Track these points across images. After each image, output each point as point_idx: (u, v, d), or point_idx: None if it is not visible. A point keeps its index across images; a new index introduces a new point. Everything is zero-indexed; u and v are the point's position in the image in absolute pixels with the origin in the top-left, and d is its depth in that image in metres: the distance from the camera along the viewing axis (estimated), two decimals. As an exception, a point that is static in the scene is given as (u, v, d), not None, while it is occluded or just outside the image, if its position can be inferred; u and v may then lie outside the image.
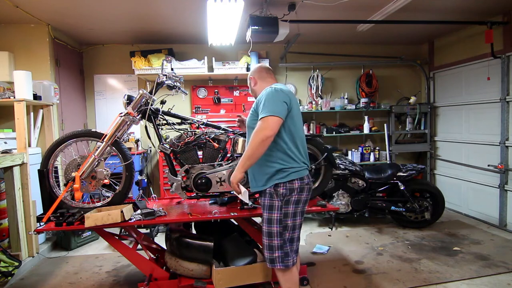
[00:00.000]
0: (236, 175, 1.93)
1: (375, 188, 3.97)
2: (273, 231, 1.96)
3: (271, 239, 1.96)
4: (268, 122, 1.84)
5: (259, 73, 2.22)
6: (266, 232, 1.98)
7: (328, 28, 4.25)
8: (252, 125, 2.00)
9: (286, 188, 1.94)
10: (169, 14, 3.57)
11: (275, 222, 1.95)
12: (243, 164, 1.89)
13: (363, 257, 3.24)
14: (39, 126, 3.69)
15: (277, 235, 1.95)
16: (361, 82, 5.06)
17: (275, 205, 1.95)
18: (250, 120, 2.07)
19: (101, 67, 4.72)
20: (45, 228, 2.27)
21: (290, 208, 1.97)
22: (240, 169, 1.91)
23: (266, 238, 1.98)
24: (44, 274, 3.03)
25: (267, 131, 1.83)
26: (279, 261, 1.96)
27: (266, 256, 2.00)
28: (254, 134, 1.86)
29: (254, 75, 2.22)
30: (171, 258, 2.48)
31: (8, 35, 3.66)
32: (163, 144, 2.51)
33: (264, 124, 1.84)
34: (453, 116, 4.79)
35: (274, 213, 1.95)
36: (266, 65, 2.33)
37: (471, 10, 3.72)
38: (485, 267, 2.95)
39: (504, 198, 3.93)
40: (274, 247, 1.96)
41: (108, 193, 2.57)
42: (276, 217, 1.95)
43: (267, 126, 1.84)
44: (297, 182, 1.96)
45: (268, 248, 1.98)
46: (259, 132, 1.84)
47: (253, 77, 2.22)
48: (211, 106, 4.85)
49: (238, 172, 1.92)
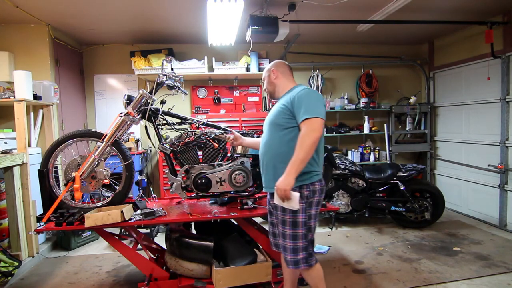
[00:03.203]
0: (290, 181, 1.80)
1: (375, 188, 3.97)
2: (299, 233, 1.93)
3: (296, 241, 1.94)
4: (318, 124, 1.82)
5: (282, 68, 2.15)
6: (291, 235, 1.94)
7: (328, 28, 4.25)
8: (282, 122, 1.96)
9: (309, 190, 1.93)
10: (169, 14, 3.57)
11: (300, 224, 1.93)
12: (296, 168, 1.81)
13: (363, 257, 3.24)
14: (39, 126, 3.69)
15: (302, 237, 1.94)
16: (361, 82, 5.06)
17: (300, 207, 1.91)
18: (279, 117, 1.98)
19: (101, 67, 4.72)
20: (45, 228, 2.26)
21: (313, 210, 1.97)
22: (293, 174, 1.81)
23: (291, 241, 1.94)
24: (44, 274, 3.03)
25: (317, 132, 1.81)
26: (304, 262, 1.95)
27: (290, 259, 1.96)
28: (305, 136, 1.81)
29: (276, 68, 2.14)
30: (171, 258, 2.48)
31: (8, 35, 3.66)
32: (163, 144, 2.51)
33: (314, 125, 1.82)
34: (453, 116, 4.79)
35: (299, 215, 1.91)
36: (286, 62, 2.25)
37: (471, 10, 3.72)
38: (485, 267, 2.95)
39: (504, 198, 3.93)
40: (299, 249, 1.94)
41: (108, 193, 2.57)
42: (302, 219, 1.92)
43: (317, 128, 1.81)
44: (318, 184, 1.97)
45: (292, 251, 1.95)
46: (310, 134, 1.80)
47: (275, 70, 2.14)
48: (211, 106, 4.85)
49: (291, 178, 1.81)
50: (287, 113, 1.95)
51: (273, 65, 2.18)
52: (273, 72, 2.14)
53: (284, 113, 1.96)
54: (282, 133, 1.97)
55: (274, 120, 2.02)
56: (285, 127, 1.96)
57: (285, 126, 1.96)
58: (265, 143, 2.08)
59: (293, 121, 1.94)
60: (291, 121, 1.94)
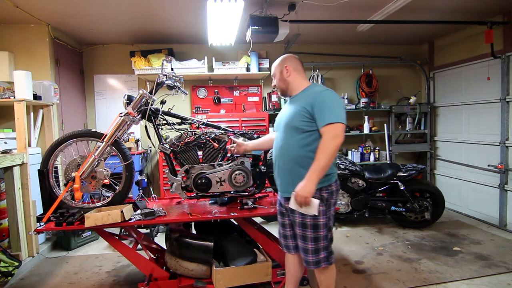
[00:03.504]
0: (311, 189, 1.77)
1: (375, 188, 3.97)
2: (320, 235, 1.93)
3: (318, 243, 1.93)
4: (340, 129, 1.79)
5: (295, 64, 2.04)
6: (312, 238, 1.92)
7: (328, 28, 4.25)
8: (300, 125, 1.89)
9: (328, 192, 1.93)
10: (169, 14, 3.57)
11: (322, 226, 1.92)
12: (318, 175, 1.77)
13: (363, 257, 3.24)
14: (39, 126, 3.69)
15: (324, 238, 1.94)
16: (361, 82, 5.06)
17: (320, 210, 1.89)
18: (297, 120, 1.90)
19: (101, 67, 4.72)
20: (45, 228, 2.26)
21: (331, 211, 1.97)
22: (315, 181, 1.78)
23: (312, 243, 1.93)
24: (44, 274, 3.03)
25: (340, 138, 1.78)
26: (325, 260, 1.96)
27: (311, 260, 1.95)
28: (328, 142, 1.77)
29: (289, 64, 2.02)
30: (171, 258, 2.48)
31: (8, 35, 3.66)
32: (163, 144, 2.51)
33: (336, 131, 1.78)
34: (453, 116, 4.79)
35: (320, 218, 1.90)
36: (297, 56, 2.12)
37: (471, 10, 3.72)
38: (485, 267, 2.95)
39: (504, 198, 3.93)
40: (320, 249, 1.94)
41: (108, 193, 2.57)
42: (323, 221, 1.91)
43: (340, 134, 1.78)
44: (335, 185, 1.97)
45: (314, 252, 1.94)
46: (334, 140, 1.76)
47: (288, 67, 2.02)
48: (211, 106, 4.85)
49: (312, 185, 1.77)
50: (306, 116, 1.88)
51: (285, 61, 2.05)
52: (286, 69, 2.02)
53: (303, 115, 1.88)
54: (300, 137, 1.91)
55: (290, 123, 1.94)
56: (304, 130, 1.89)
57: (303, 129, 1.89)
58: (281, 147, 2.00)
59: (312, 125, 1.87)
60: (310, 125, 1.88)
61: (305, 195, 1.78)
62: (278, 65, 2.07)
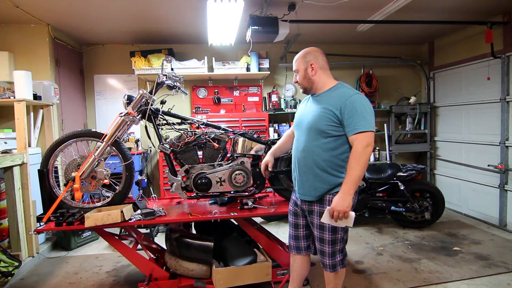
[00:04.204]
0: (349, 202, 1.72)
1: (375, 188, 3.97)
2: (338, 237, 1.91)
3: (335, 246, 1.91)
4: (371, 138, 1.73)
5: (322, 62, 1.92)
6: (330, 240, 1.89)
7: (328, 28, 4.25)
8: (327, 129, 1.79)
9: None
10: (169, 14, 3.57)
11: (340, 229, 1.89)
12: (354, 188, 1.73)
13: (363, 257, 3.24)
14: (39, 126, 3.68)
15: (340, 240, 1.92)
16: (361, 82, 5.06)
17: None
18: (323, 123, 1.81)
19: (101, 67, 4.72)
20: (45, 228, 2.27)
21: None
22: (352, 195, 1.72)
23: (329, 246, 1.90)
24: (44, 274, 3.03)
25: (371, 147, 1.72)
26: (340, 264, 1.94)
27: (328, 263, 1.93)
28: (360, 152, 1.70)
29: (315, 62, 1.89)
30: (171, 258, 2.48)
31: (8, 35, 3.66)
32: (163, 144, 2.51)
33: (368, 140, 1.71)
34: (453, 116, 4.79)
35: None
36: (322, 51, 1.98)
37: (471, 10, 3.72)
38: (485, 267, 2.95)
39: (504, 198, 3.93)
40: (336, 252, 1.93)
41: (108, 193, 2.57)
42: None
43: (371, 142, 1.73)
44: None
45: (331, 255, 1.92)
46: (367, 149, 1.70)
47: (314, 65, 1.89)
48: (211, 106, 4.85)
49: (350, 198, 1.71)
50: (334, 120, 1.78)
51: (311, 57, 1.91)
52: (312, 67, 1.89)
53: (329, 119, 1.79)
54: (325, 140, 1.82)
55: (315, 125, 1.84)
56: (330, 135, 1.81)
57: (330, 134, 1.80)
58: (303, 149, 1.90)
59: (340, 129, 1.79)
60: (338, 129, 1.79)
61: (344, 210, 1.72)
62: (302, 61, 1.93)
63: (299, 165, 1.95)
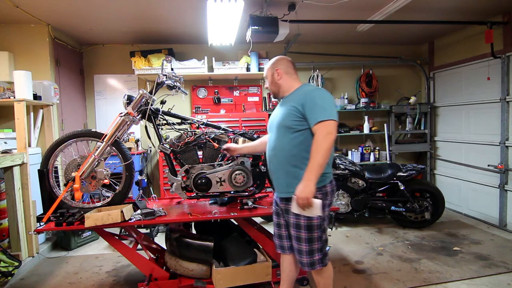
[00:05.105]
0: (311, 189, 1.74)
1: (375, 188, 3.97)
2: (314, 236, 1.92)
3: (312, 244, 1.93)
4: (333, 126, 1.78)
5: (286, 67, 2.04)
6: (306, 239, 1.92)
7: (328, 28, 4.25)
8: (292, 124, 1.89)
9: (322, 193, 1.91)
10: (169, 14, 3.57)
11: (315, 227, 1.91)
12: (316, 174, 1.75)
13: (363, 257, 3.24)
14: (39, 126, 3.69)
15: (318, 239, 1.93)
16: (361, 82, 5.06)
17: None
18: (289, 120, 1.90)
19: (101, 67, 4.72)
20: (45, 228, 2.27)
21: (326, 212, 1.95)
22: (314, 181, 1.74)
23: (306, 244, 1.92)
24: (44, 274, 3.03)
25: (333, 135, 1.77)
26: (319, 262, 1.95)
27: (306, 261, 1.94)
28: (321, 139, 1.75)
29: (280, 67, 2.03)
30: (171, 258, 2.48)
31: (8, 35, 3.66)
32: (163, 144, 2.51)
33: (329, 128, 1.77)
34: (453, 116, 4.79)
35: (314, 219, 1.89)
36: (289, 58, 2.12)
37: (471, 10, 3.72)
38: (485, 267, 2.95)
39: (504, 198, 3.93)
40: (315, 251, 1.94)
41: (108, 193, 2.57)
42: (316, 222, 1.90)
43: (332, 131, 1.77)
44: (329, 185, 1.95)
45: (308, 254, 1.94)
46: (327, 137, 1.75)
47: (279, 70, 2.03)
48: (211, 106, 4.85)
49: (312, 185, 1.74)
50: (297, 115, 1.88)
51: (276, 64, 2.06)
52: (277, 73, 2.04)
53: (294, 115, 1.89)
54: (292, 136, 1.90)
55: (282, 123, 1.94)
56: (296, 129, 1.89)
57: (295, 128, 1.89)
58: (274, 147, 2.00)
59: (304, 124, 1.87)
60: (302, 124, 1.87)
61: (306, 196, 1.75)
62: (269, 68, 2.09)
63: (271, 163, 2.04)
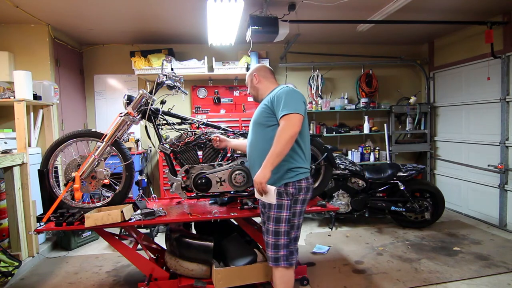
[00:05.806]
0: (266, 174, 1.87)
1: (375, 188, 3.97)
2: (281, 230, 1.97)
3: (278, 238, 1.97)
4: (296, 119, 1.87)
5: (263, 72, 2.23)
6: (273, 231, 1.98)
7: (328, 28, 4.25)
8: (264, 121, 2.02)
9: (295, 188, 1.97)
10: (169, 14, 3.57)
11: (283, 221, 1.96)
12: (272, 162, 1.86)
13: (363, 257, 3.24)
14: (39, 126, 3.69)
15: (284, 234, 1.97)
16: (361, 82, 5.06)
17: (285, 204, 1.96)
18: (261, 117, 2.05)
19: (101, 67, 4.72)
20: (45, 228, 2.27)
21: (298, 207, 2.01)
22: (269, 167, 1.86)
23: (272, 237, 1.98)
24: (44, 274, 3.03)
25: (295, 127, 1.86)
26: (284, 259, 1.97)
27: (270, 255, 1.99)
28: (282, 131, 1.86)
29: (258, 73, 2.22)
30: (171, 258, 2.48)
31: (8, 35, 3.66)
32: (163, 144, 2.51)
33: (291, 121, 1.87)
34: (453, 116, 4.79)
35: (283, 212, 1.96)
36: (268, 65, 2.33)
37: (471, 10, 3.72)
38: (485, 267, 2.95)
39: (504, 198, 3.93)
40: (280, 246, 1.97)
41: (108, 193, 2.57)
42: (285, 216, 1.96)
43: (294, 123, 1.86)
44: (305, 181, 2.00)
45: (273, 247, 1.99)
46: (288, 129, 1.85)
47: (256, 75, 2.22)
48: (211, 106, 4.85)
49: (267, 171, 1.86)
50: (268, 111, 2.01)
51: (254, 70, 2.25)
52: (255, 77, 2.21)
53: (265, 112, 2.03)
54: (265, 132, 2.02)
55: (257, 120, 2.09)
56: (268, 125, 2.01)
57: (267, 124, 2.01)
58: (251, 143, 2.13)
59: (273, 119, 1.99)
60: (272, 119, 1.99)
61: (260, 181, 1.88)
62: (249, 74, 2.28)
63: (250, 158, 2.16)
